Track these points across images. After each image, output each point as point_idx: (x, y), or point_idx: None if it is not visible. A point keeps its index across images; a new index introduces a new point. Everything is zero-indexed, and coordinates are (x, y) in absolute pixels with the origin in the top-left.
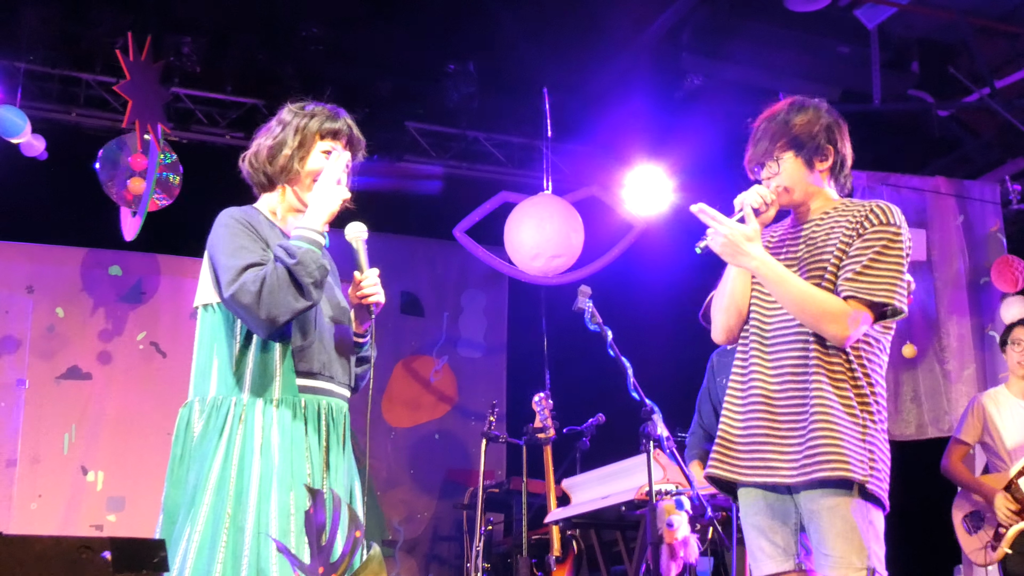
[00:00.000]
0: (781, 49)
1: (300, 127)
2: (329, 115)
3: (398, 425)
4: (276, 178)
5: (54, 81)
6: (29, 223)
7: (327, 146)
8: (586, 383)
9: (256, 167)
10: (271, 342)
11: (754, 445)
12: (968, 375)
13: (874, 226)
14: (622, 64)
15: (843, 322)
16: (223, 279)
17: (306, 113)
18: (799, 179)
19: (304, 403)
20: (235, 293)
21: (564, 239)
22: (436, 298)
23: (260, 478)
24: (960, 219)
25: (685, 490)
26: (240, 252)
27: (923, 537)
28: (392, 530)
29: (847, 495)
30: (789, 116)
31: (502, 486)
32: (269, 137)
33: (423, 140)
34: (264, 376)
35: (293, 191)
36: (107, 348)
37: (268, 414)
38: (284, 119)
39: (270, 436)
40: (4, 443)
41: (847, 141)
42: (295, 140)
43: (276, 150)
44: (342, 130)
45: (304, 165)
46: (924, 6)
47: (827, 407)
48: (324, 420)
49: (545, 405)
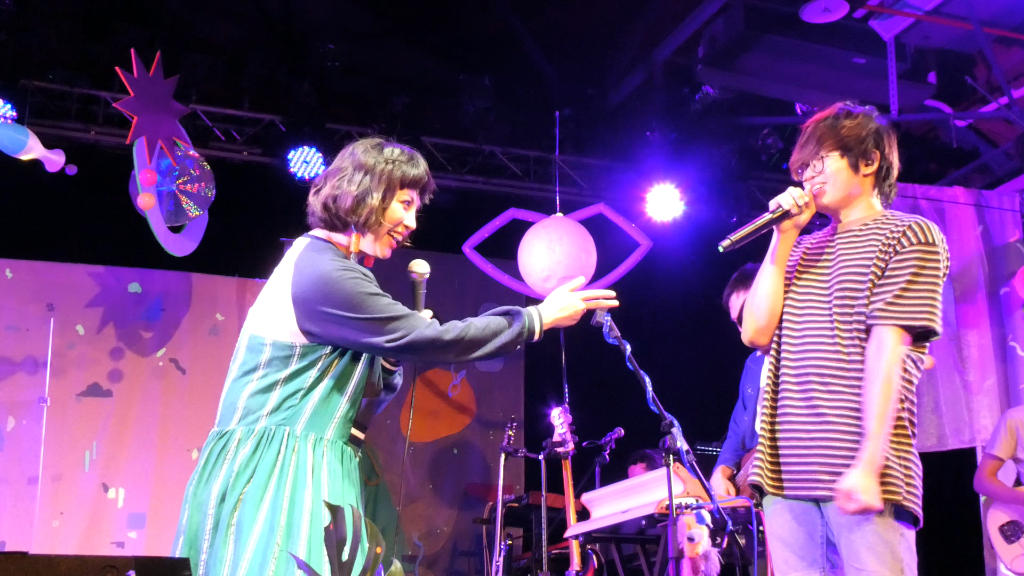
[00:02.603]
0: (797, 61)
1: (383, 175)
2: (410, 160)
3: (417, 440)
4: (356, 226)
5: (73, 100)
6: (49, 242)
7: (407, 196)
8: (605, 397)
9: (335, 213)
10: (345, 386)
11: (786, 457)
12: (989, 386)
13: (912, 244)
14: (638, 77)
15: (898, 364)
16: (377, 328)
17: (387, 159)
18: (842, 181)
19: (343, 451)
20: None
21: (575, 260)
22: (453, 312)
23: (312, 511)
24: (979, 229)
25: (706, 504)
26: (388, 306)
27: (948, 549)
28: (412, 545)
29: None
30: (839, 120)
31: (521, 501)
32: (350, 183)
33: (439, 155)
34: (324, 416)
35: (370, 239)
36: (127, 365)
37: (319, 451)
38: (364, 163)
39: (320, 472)
40: (26, 461)
41: (895, 150)
42: (379, 190)
43: (360, 199)
44: (423, 178)
45: (386, 216)
46: (941, 17)
47: (860, 422)
48: (357, 472)
49: (564, 419)
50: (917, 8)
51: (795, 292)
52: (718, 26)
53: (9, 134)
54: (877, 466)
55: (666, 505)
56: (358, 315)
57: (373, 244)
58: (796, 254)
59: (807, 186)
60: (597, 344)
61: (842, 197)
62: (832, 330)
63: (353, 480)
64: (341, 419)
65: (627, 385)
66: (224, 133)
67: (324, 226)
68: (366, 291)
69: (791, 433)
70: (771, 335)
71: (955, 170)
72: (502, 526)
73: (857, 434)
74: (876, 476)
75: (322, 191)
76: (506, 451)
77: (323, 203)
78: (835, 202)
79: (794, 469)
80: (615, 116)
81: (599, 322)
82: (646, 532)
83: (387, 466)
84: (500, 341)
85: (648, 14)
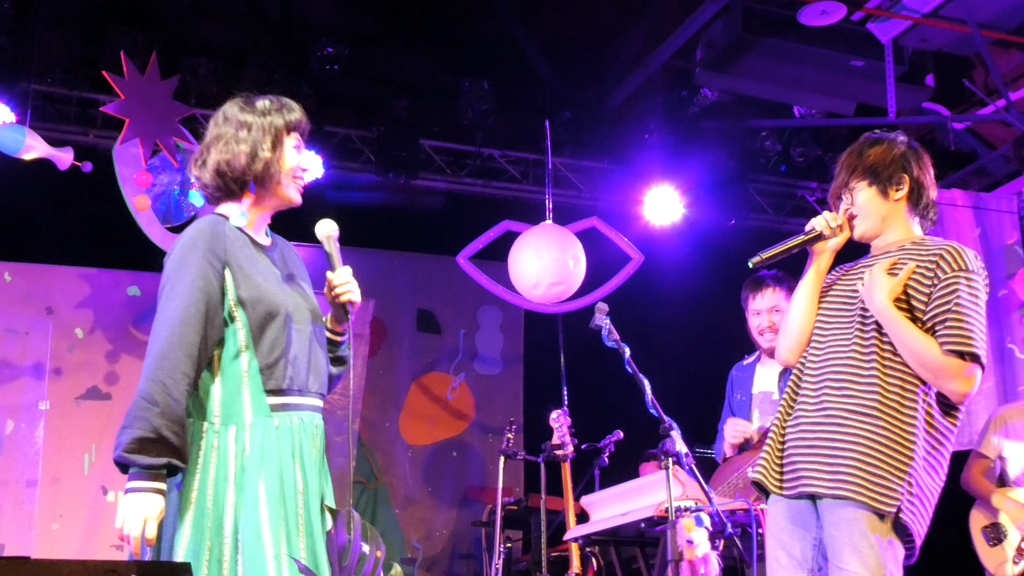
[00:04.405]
0: (795, 64)
1: (267, 127)
2: (284, 107)
3: (415, 443)
4: (256, 181)
5: (72, 103)
6: (48, 245)
7: (295, 140)
8: (604, 400)
9: (231, 176)
10: (232, 365)
11: (790, 455)
12: (987, 388)
13: (954, 271)
14: (636, 80)
15: (963, 378)
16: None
17: (263, 111)
18: (872, 209)
19: (276, 422)
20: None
21: (562, 267)
22: (452, 315)
23: (235, 507)
24: (977, 231)
25: (705, 507)
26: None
27: (945, 552)
28: (411, 548)
29: (870, 513)
30: (863, 148)
31: (520, 503)
32: (239, 143)
33: (438, 158)
34: (232, 400)
35: (275, 190)
36: (126, 369)
37: (240, 440)
38: (244, 121)
39: (243, 463)
40: (25, 464)
41: (926, 171)
42: (267, 141)
43: (253, 154)
44: (302, 120)
45: (283, 164)
46: (938, 19)
47: (870, 431)
48: (296, 437)
49: (563, 422)
50: (915, 11)
51: (824, 310)
52: (716, 29)
53: (6, 134)
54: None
55: (665, 508)
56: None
57: (282, 193)
58: (834, 276)
59: (841, 208)
60: (596, 347)
61: (875, 225)
62: (851, 342)
63: (291, 454)
64: (253, 394)
65: (626, 388)
66: None
67: (220, 196)
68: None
69: (798, 432)
70: (801, 354)
71: (953, 173)
72: (501, 529)
73: (862, 436)
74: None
75: (208, 161)
76: (505, 454)
77: (215, 171)
78: (869, 232)
79: (796, 466)
80: (613, 119)
81: (598, 325)
82: (646, 535)
83: (386, 468)
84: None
85: (646, 17)
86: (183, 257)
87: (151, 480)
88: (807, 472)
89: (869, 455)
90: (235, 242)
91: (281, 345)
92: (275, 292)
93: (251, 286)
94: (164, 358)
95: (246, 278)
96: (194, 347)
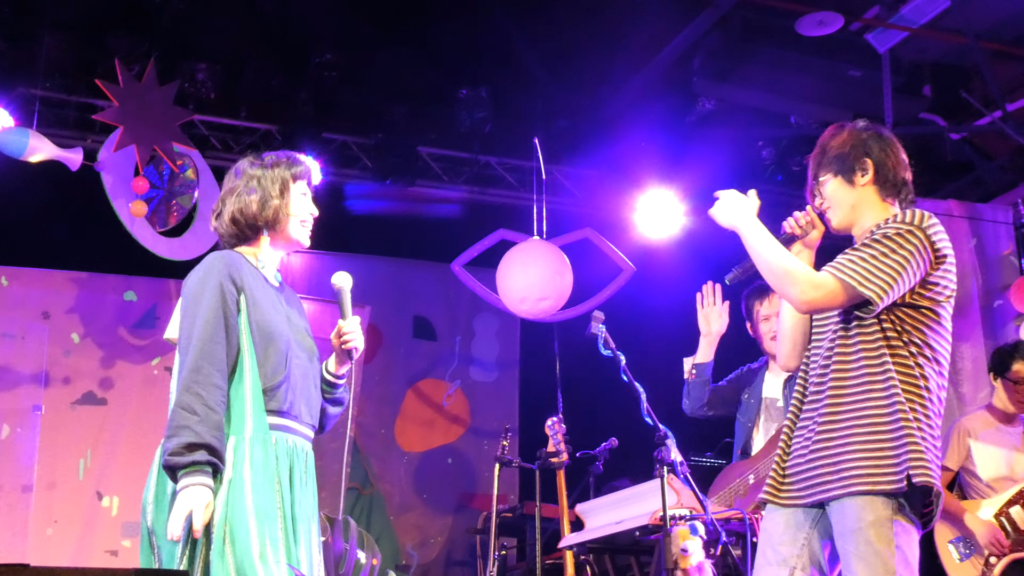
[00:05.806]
0: (793, 73)
1: (275, 178)
2: (289, 159)
3: (411, 449)
4: (268, 225)
5: (71, 108)
6: (44, 249)
7: (302, 188)
8: (599, 408)
9: (245, 222)
10: (238, 383)
11: (793, 467)
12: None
13: (888, 224)
14: (634, 88)
15: (808, 284)
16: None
17: (271, 165)
18: (841, 198)
19: (274, 439)
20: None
21: (549, 282)
22: (448, 322)
23: (229, 513)
24: (973, 242)
25: (699, 515)
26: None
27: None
28: (406, 555)
29: (877, 504)
30: (825, 141)
31: (515, 510)
32: (250, 194)
33: (435, 165)
34: (236, 416)
35: (285, 233)
36: (122, 374)
37: (240, 451)
38: (254, 175)
39: (242, 473)
40: (20, 469)
41: (893, 152)
42: (275, 189)
43: (264, 201)
44: (307, 170)
45: (291, 209)
46: (936, 30)
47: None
48: (290, 459)
49: (558, 429)
50: (912, 21)
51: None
52: (714, 38)
53: (10, 137)
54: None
55: (660, 516)
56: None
57: (291, 236)
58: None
59: (813, 205)
60: (592, 355)
61: (846, 214)
62: (835, 340)
63: (283, 464)
64: (256, 411)
65: (621, 396)
66: (221, 142)
67: (235, 241)
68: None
69: (802, 442)
70: (800, 358)
71: (949, 183)
72: (496, 536)
73: (865, 441)
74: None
75: (224, 212)
76: (500, 461)
77: (231, 219)
78: (843, 222)
79: (800, 477)
80: (611, 127)
81: (594, 333)
82: (640, 543)
83: (381, 475)
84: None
85: (645, 26)
86: (204, 279)
87: (198, 475)
88: (812, 481)
89: (865, 443)
90: (249, 273)
91: (283, 371)
92: (280, 322)
93: (260, 312)
94: (197, 371)
95: (256, 305)
96: (221, 362)
